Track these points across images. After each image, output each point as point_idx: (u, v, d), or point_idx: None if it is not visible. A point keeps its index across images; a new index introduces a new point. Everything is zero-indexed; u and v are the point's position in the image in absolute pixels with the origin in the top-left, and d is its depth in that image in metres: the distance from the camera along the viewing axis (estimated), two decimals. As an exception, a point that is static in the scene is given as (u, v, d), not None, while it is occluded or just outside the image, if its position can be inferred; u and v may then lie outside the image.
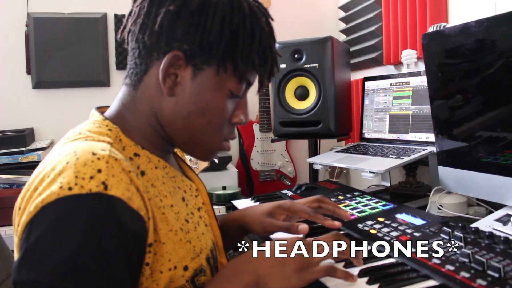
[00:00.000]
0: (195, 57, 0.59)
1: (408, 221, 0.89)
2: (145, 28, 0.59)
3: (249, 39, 0.60)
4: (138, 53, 0.62)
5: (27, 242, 0.47)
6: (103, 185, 0.48)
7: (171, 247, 0.57)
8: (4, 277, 0.89)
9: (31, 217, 0.48)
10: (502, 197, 0.92)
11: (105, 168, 0.49)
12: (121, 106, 0.65)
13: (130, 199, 0.50)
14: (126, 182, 0.51)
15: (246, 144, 2.25)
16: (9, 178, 1.81)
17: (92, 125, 0.61)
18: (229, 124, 0.66)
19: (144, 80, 0.62)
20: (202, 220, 0.69)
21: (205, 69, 0.60)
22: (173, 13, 0.58)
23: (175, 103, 0.61)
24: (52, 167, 0.51)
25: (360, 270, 0.68)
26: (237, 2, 0.60)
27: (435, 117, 1.08)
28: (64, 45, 2.06)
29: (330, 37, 1.56)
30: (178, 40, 0.59)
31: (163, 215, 0.58)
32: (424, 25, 1.52)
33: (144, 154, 0.62)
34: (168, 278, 0.56)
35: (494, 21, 0.87)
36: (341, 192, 1.19)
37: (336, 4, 2.37)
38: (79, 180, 0.48)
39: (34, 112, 2.08)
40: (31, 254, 0.46)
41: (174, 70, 0.60)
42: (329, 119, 1.55)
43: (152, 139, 0.64)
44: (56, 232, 0.46)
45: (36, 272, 0.45)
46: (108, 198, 0.48)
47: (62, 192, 0.47)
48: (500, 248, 0.69)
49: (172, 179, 0.65)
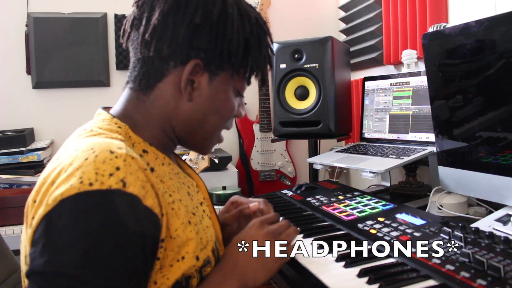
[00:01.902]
0: (211, 63, 0.64)
1: (408, 221, 0.89)
2: (163, 39, 0.62)
3: (257, 45, 0.66)
4: (149, 60, 0.64)
5: (46, 234, 0.49)
6: (122, 182, 0.51)
7: (182, 239, 0.60)
8: (4, 277, 0.89)
9: (50, 210, 0.49)
10: (502, 197, 0.92)
11: (123, 166, 0.52)
12: (128, 107, 0.67)
13: (145, 197, 0.53)
14: (143, 180, 0.53)
15: (246, 144, 2.25)
16: (9, 178, 1.81)
17: (102, 122, 0.63)
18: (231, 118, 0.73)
19: (159, 86, 0.65)
20: (205, 214, 0.71)
21: (220, 74, 0.66)
22: (195, 26, 0.61)
23: (191, 107, 0.66)
24: (69, 162, 0.52)
25: (360, 270, 0.68)
26: (245, 11, 0.65)
27: (435, 117, 1.08)
28: (64, 45, 2.06)
29: (330, 37, 1.56)
30: (197, 49, 0.63)
31: (172, 210, 0.60)
32: (424, 25, 1.52)
33: (152, 151, 0.64)
34: (178, 269, 0.59)
35: (494, 21, 0.87)
36: (341, 192, 1.19)
37: (336, 4, 2.37)
38: (99, 176, 0.50)
39: (34, 112, 2.08)
40: (52, 246, 0.48)
41: (193, 76, 0.64)
42: (329, 119, 1.55)
43: (158, 138, 0.67)
44: (78, 224, 0.48)
45: (58, 263, 0.47)
46: (127, 195, 0.51)
47: (82, 187, 0.49)
48: (500, 248, 0.69)
49: (176, 175, 0.68)
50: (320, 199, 1.14)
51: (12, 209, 1.63)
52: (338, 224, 0.94)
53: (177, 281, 0.59)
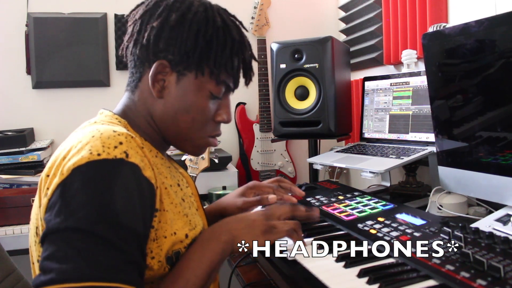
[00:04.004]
0: (178, 64, 0.71)
1: (408, 221, 0.89)
2: (137, 43, 0.71)
3: (221, 47, 0.71)
4: (133, 64, 0.74)
5: (61, 197, 0.55)
6: (125, 153, 0.59)
7: (172, 216, 0.67)
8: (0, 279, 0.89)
9: (64, 178, 0.56)
10: (502, 197, 0.92)
11: (125, 142, 0.60)
12: (124, 107, 0.76)
13: (144, 168, 0.61)
14: (141, 155, 0.62)
15: (246, 144, 2.25)
16: (9, 178, 1.81)
17: (104, 117, 0.72)
18: (213, 122, 0.77)
19: (139, 86, 0.74)
20: (194, 206, 0.78)
21: (187, 74, 0.71)
22: (156, 29, 0.69)
23: (164, 104, 0.72)
24: (78, 140, 0.61)
25: (360, 270, 0.68)
26: (211, 16, 0.71)
27: (435, 117, 1.08)
28: (64, 45, 2.06)
29: (330, 37, 1.56)
30: (163, 51, 0.70)
31: (165, 189, 0.68)
32: (424, 25, 1.52)
33: (146, 145, 0.72)
34: (171, 242, 0.66)
35: (494, 21, 0.87)
36: (341, 192, 1.19)
37: (336, 4, 2.37)
38: (105, 148, 0.58)
39: (34, 112, 2.08)
40: (68, 206, 0.55)
41: (162, 76, 0.71)
42: (329, 119, 1.55)
43: (150, 135, 0.75)
44: (89, 187, 0.55)
45: (73, 219, 0.53)
46: (130, 164, 0.59)
47: (92, 157, 0.57)
48: (500, 248, 0.69)
49: (168, 168, 0.76)
50: (320, 199, 1.14)
51: (12, 209, 1.63)
52: (338, 224, 0.94)
53: (168, 257, 0.66)
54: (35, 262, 0.66)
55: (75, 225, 0.53)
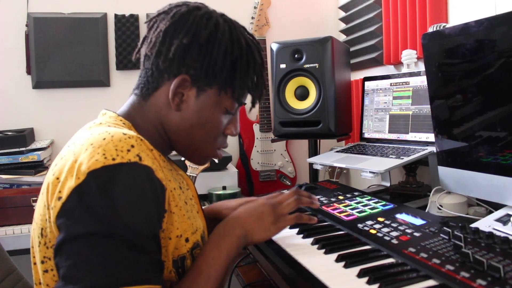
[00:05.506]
0: (199, 80, 0.72)
1: (408, 221, 0.89)
2: (160, 54, 0.72)
3: (245, 68, 0.74)
4: (151, 73, 0.74)
5: (81, 203, 0.56)
6: (138, 157, 0.60)
7: (177, 219, 0.68)
8: (0, 279, 0.89)
9: (80, 183, 0.57)
10: (502, 197, 0.93)
11: (137, 145, 0.61)
12: (130, 109, 0.76)
13: (156, 170, 0.62)
14: (151, 157, 0.63)
15: (246, 144, 2.25)
16: (9, 178, 1.81)
17: (108, 119, 0.73)
18: (223, 136, 0.80)
19: (155, 95, 0.75)
20: (194, 208, 0.79)
21: (207, 90, 0.73)
22: (185, 45, 0.70)
23: (180, 117, 0.74)
24: (89, 142, 0.61)
25: (360, 270, 0.68)
26: (236, 37, 0.73)
27: (435, 117, 1.08)
28: (64, 45, 2.06)
29: (330, 37, 1.56)
30: (187, 66, 0.72)
31: (171, 192, 0.68)
32: (424, 25, 1.52)
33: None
34: (174, 244, 0.67)
35: (494, 21, 0.87)
36: (341, 192, 1.19)
37: (336, 4, 2.37)
38: (119, 152, 0.59)
39: (34, 112, 2.08)
40: (88, 211, 0.55)
41: (181, 90, 0.73)
42: (329, 119, 1.56)
43: (154, 139, 0.75)
44: (108, 192, 0.56)
45: (94, 225, 0.55)
46: (143, 167, 0.60)
47: (107, 162, 0.58)
48: (500, 248, 0.69)
49: (170, 171, 0.76)
50: (320, 199, 1.14)
51: (12, 209, 1.63)
52: (338, 224, 0.94)
53: (174, 261, 0.68)
54: (37, 263, 0.65)
55: (97, 230, 0.55)
